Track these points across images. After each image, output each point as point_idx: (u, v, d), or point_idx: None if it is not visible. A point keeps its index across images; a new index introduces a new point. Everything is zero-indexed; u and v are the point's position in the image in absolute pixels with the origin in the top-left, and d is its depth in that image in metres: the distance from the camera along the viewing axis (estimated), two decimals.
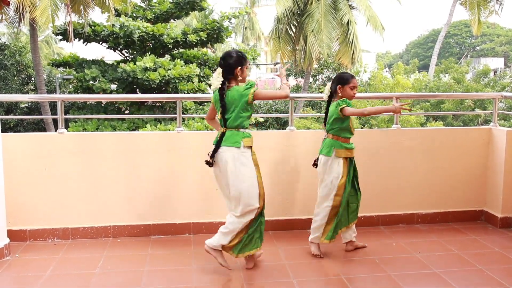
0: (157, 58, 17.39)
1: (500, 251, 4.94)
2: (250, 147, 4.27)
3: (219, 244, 4.28)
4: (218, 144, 4.21)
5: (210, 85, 4.40)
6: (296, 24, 22.65)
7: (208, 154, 4.23)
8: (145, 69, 16.61)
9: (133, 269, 4.47)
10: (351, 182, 4.69)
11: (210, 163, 4.23)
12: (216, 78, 4.21)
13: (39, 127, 20.95)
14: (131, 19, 18.22)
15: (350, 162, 4.69)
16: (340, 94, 4.62)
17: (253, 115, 5.81)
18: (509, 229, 5.60)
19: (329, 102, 4.75)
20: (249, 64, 4.26)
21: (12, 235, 4.97)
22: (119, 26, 17.59)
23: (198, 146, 5.24)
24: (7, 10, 16.60)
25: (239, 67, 4.19)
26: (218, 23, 18.64)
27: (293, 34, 22.91)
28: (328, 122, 4.68)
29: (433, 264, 4.56)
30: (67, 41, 17.37)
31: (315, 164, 4.80)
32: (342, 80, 4.62)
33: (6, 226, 4.80)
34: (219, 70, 4.22)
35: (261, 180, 4.28)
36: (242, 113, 4.18)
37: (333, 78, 4.79)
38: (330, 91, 4.73)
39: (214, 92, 4.30)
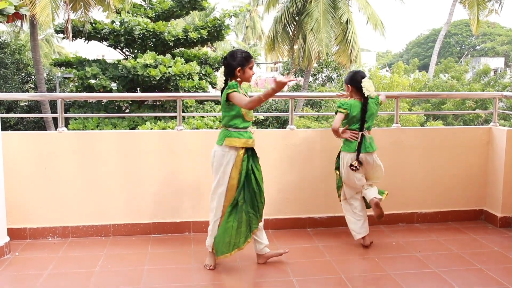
0: (158, 56, 17.40)
1: (499, 250, 4.95)
2: (238, 148, 4.22)
3: (208, 245, 4.38)
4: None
5: (212, 84, 4.38)
6: (295, 23, 22.64)
7: None
8: (146, 66, 16.62)
9: (133, 267, 4.47)
10: None
11: None
12: (219, 78, 4.24)
13: (39, 125, 20.96)
14: (131, 15, 18.22)
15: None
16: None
17: (253, 113, 5.81)
18: (508, 229, 5.61)
19: (365, 103, 4.80)
20: (253, 64, 4.22)
21: (12, 233, 4.97)
22: (119, 23, 17.59)
23: (198, 144, 5.25)
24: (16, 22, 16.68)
25: (240, 68, 4.17)
26: (219, 20, 18.65)
27: (291, 33, 22.90)
28: (369, 120, 4.84)
29: (433, 263, 4.56)
30: (67, 39, 17.36)
31: (355, 167, 4.77)
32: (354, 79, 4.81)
33: (6, 224, 4.80)
34: (222, 69, 4.23)
35: (235, 183, 4.22)
36: (225, 112, 4.21)
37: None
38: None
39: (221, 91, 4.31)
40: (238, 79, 4.20)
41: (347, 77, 4.86)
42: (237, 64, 4.17)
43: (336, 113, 4.72)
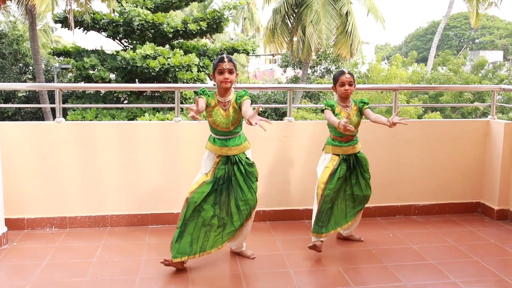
0: (157, 47, 17.36)
1: (496, 243, 4.97)
2: (214, 153, 4.26)
3: None
4: None
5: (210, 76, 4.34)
6: (294, 15, 22.59)
7: None
8: (145, 57, 16.57)
9: (131, 258, 4.48)
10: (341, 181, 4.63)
11: None
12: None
13: (37, 116, 20.91)
14: (131, 4, 18.14)
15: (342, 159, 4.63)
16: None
17: (252, 105, 5.82)
18: (505, 221, 5.63)
19: None
20: (221, 68, 4.16)
21: (10, 223, 4.98)
22: (118, 14, 17.53)
23: (196, 135, 5.24)
24: (8, 2, 16.54)
25: (212, 74, 4.20)
26: (219, 12, 18.60)
27: (290, 25, 22.86)
28: None
29: (430, 255, 4.58)
30: (68, 29, 17.30)
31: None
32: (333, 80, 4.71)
33: (4, 214, 4.81)
34: None
35: (198, 187, 4.21)
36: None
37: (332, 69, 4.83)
38: None
39: None
40: (215, 83, 4.24)
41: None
42: (212, 70, 4.20)
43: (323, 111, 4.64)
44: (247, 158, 4.32)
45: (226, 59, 4.13)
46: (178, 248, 4.14)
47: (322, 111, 4.63)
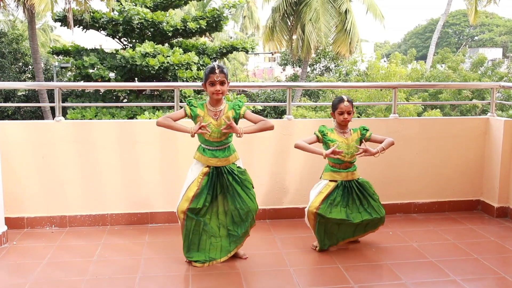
0: (156, 45, 17.35)
1: (496, 240, 4.97)
2: (202, 163, 4.28)
3: None
4: None
5: None
6: (293, 13, 22.59)
7: None
8: (144, 55, 16.56)
9: (131, 257, 4.48)
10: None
11: None
12: None
13: (37, 115, 20.90)
14: (130, 3, 18.12)
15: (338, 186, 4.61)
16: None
17: (250, 103, 5.82)
18: (505, 219, 5.63)
19: None
20: (212, 80, 4.12)
21: (10, 222, 4.98)
22: (118, 12, 17.51)
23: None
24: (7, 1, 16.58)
25: (204, 83, 4.18)
26: (218, 11, 18.59)
27: (290, 23, 22.85)
28: None
29: (429, 253, 4.58)
30: (67, 28, 17.28)
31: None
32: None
33: (3, 213, 4.80)
34: None
35: (191, 194, 4.23)
36: None
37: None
38: None
39: None
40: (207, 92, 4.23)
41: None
42: (203, 79, 4.17)
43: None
44: (238, 167, 4.32)
45: (217, 70, 4.08)
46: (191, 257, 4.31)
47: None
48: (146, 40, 17.75)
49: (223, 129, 4.10)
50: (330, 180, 4.61)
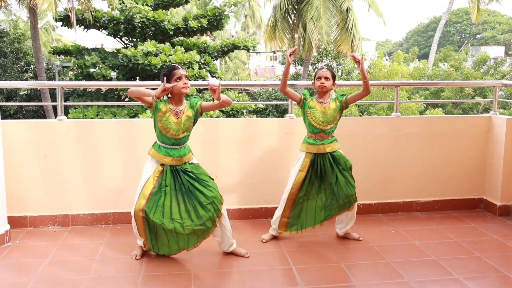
0: (158, 44, 17.35)
1: (498, 239, 4.97)
2: (157, 160, 4.27)
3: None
4: None
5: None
6: (295, 12, 22.57)
7: None
8: (146, 54, 16.56)
9: None
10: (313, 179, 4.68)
11: None
12: None
13: (39, 114, 20.90)
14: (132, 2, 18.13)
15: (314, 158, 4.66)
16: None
17: (252, 102, 5.79)
18: (507, 217, 5.62)
19: None
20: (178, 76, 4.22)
21: (13, 221, 4.99)
22: (119, 11, 17.52)
23: (197, 133, 5.23)
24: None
25: (167, 80, 4.25)
26: (219, 9, 18.58)
27: (291, 22, 22.84)
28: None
29: (432, 251, 4.58)
30: (69, 27, 17.28)
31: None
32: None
33: (6, 212, 4.81)
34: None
35: (147, 192, 4.25)
36: None
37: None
38: None
39: None
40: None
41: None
42: (166, 79, 4.21)
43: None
44: (190, 163, 4.31)
45: (178, 65, 4.24)
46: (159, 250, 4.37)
47: None
48: (148, 39, 17.76)
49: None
50: (307, 152, 4.64)
